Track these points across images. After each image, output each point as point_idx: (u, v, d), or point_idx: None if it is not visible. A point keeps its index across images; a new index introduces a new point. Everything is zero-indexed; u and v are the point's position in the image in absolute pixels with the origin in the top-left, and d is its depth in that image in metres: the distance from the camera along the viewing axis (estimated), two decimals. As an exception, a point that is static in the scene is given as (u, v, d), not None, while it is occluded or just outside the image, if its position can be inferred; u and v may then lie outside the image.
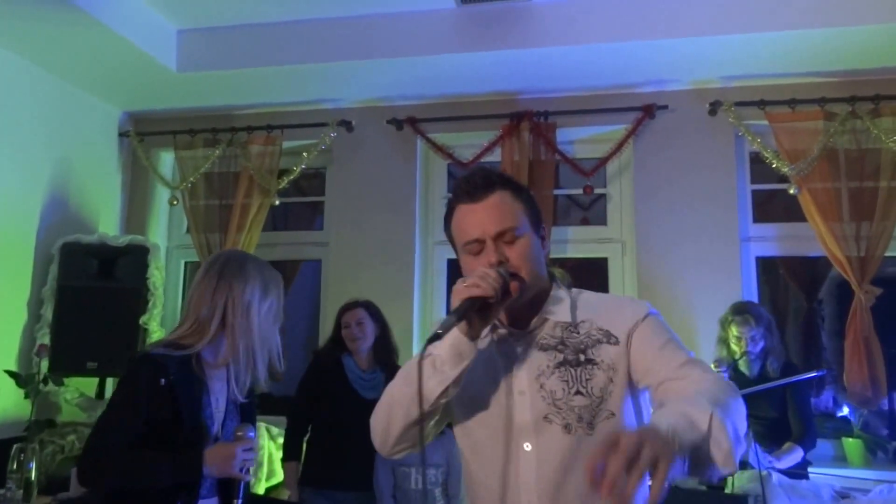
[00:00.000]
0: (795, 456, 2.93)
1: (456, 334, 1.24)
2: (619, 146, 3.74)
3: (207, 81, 3.89)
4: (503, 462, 1.28)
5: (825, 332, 4.25)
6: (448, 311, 1.25)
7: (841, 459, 3.54)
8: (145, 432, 1.68)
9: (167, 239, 4.58)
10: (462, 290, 1.24)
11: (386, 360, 3.05)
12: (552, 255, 3.72)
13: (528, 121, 3.79)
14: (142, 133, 4.37)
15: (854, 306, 3.41)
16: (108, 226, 4.22)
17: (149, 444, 1.68)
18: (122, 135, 4.37)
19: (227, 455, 1.68)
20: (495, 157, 3.89)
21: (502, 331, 1.38)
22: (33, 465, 2.63)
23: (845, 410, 3.79)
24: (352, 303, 3.09)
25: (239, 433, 1.71)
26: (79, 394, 3.54)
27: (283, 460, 2.96)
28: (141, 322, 3.57)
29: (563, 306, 1.37)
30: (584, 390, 1.28)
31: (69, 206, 3.93)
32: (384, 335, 3.06)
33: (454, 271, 4.17)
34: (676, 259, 3.68)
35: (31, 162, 3.69)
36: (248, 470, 1.70)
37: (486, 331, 1.30)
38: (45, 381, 3.33)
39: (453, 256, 4.44)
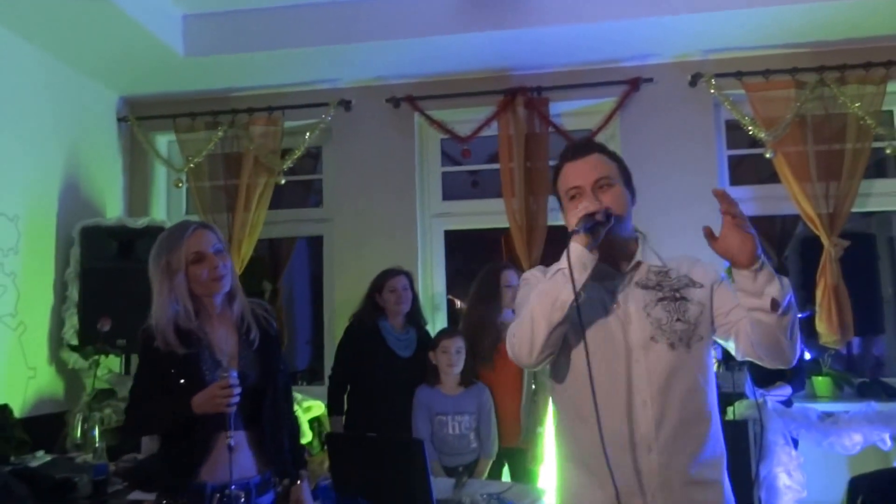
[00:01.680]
0: (783, 392, 3.28)
1: (579, 248, 1.58)
2: (608, 118, 4.01)
3: (210, 65, 4.01)
4: (619, 373, 1.64)
5: (792, 286, 4.63)
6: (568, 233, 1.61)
7: (811, 396, 3.92)
8: (168, 383, 2.01)
9: (168, 221, 4.70)
10: (578, 211, 1.60)
11: (417, 321, 3.33)
12: (549, 224, 3.98)
13: (523, 96, 4.02)
14: (140, 117, 4.46)
15: (824, 258, 3.76)
16: (114, 209, 4.33)
17: (171, 392, 2.01)
18: (120, 119, 4.46)
19: (207, 397, 1.95)
20: (492, 130, 4.12)
21: (604, 268, 1.71)
22: (96, 433, 2.84)
23: (807, 356, 4.17)
24: (393, 270, 3.32)
25: (223, 374, 1.97)
26: (107, 370, 3.70)
27: (329, 415, 3.22)
28: (165, 299, 3.73)
29: (652, 255, 1.74)
30: (682, 318, 1.66)
31: (80, 191, 4.04)
32: (415, 299, 3.31)
33: (451, 243, 4.41)
34: (662, 222, 3.93)
35: (44, 148, 3.78)
36: (231, 404, 1.96)
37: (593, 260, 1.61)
38: (106, 354, 3.49)
39: (450, 228, 4.60)
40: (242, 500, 2.03)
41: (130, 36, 3.58)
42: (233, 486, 2.01)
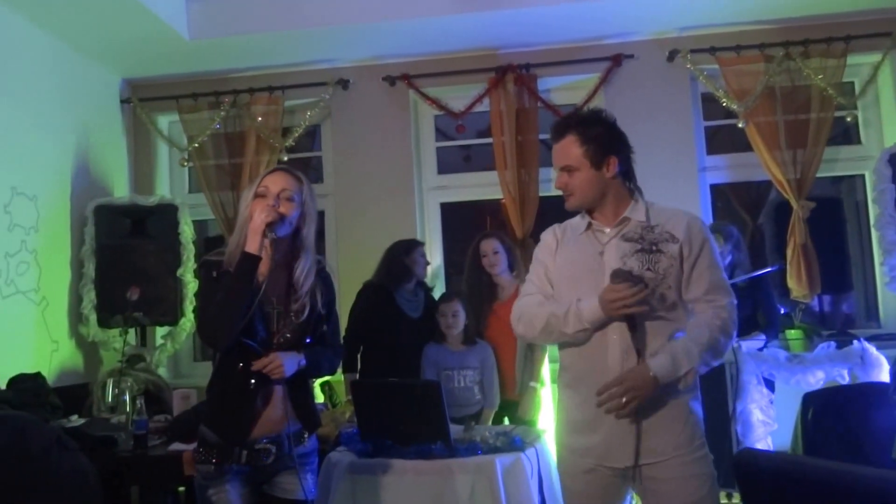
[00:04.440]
0: (758, 340, 3.60)
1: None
2: (593, 92, 4.27)
3: (213, 47, 4.17)
4: None
5: (767, 248, 4.94)
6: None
7: (785, 346, 4.23)
8: None
9: (174, 199, 4.85)
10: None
11: (424, 284, 3.63)
12: (542, 195, 4.24)
13: (512, 73, 4.25)
14: (143, 98, 4.61)
15: (793, 220, 4.07)
16: (121, 188, 4.50)
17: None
18: (123, 101, 4.60)
19: (251, 226, 2.01)
20: (483, 106, 4.35)
21: (597, 225, 2.04)
22: (128, 397, 3.05)
23: (781, 310, 4.50)
24: (415, 241, 3.67)
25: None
26: (125, 342, 3.89)
27: (343, 373, 3.46)
28: (178, 274, 3.94)
29: (640, 212, 2.01)
30: (652, 268, 1.93)
31: (90, 171, 4.20)
32: None
33: (447, 215, 4.64)
34: (645, 190, 4.22)
35: (56, 130, 3.93)
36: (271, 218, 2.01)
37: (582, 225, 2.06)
38: (136, 324, 3.71)
39: (445, 201, 4.82)
40: (274, 451, 2.07)
41: (137, 20, 3.72)
42: (264, 440, 2.06)
